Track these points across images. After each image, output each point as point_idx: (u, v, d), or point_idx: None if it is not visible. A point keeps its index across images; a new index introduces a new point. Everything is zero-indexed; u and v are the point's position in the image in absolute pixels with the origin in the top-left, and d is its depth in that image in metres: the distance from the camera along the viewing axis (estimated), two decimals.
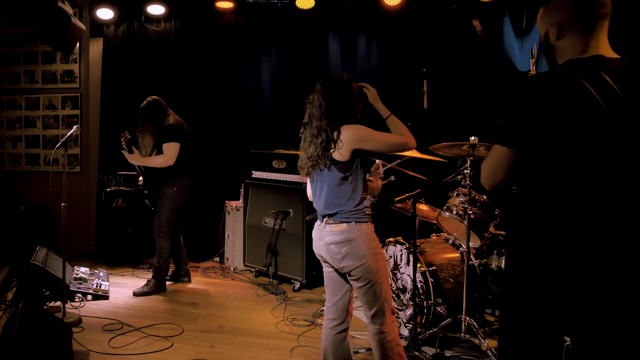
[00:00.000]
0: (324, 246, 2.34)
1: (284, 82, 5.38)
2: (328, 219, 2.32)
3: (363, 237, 2.28)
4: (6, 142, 6.04)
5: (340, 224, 2.28)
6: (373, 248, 2.30)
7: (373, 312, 2.31)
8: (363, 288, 2.29)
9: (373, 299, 2.30)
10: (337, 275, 2.42)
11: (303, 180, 2.52)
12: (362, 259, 2.25)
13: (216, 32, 5.47)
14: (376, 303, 2.30)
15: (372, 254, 2.28)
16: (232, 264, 5.15)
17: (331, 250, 2.30)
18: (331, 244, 2.29)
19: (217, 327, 3.61)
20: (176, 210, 4.33)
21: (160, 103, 4.26)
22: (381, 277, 2.30)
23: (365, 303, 2.33)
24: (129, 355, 3.10)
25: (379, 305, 2.30)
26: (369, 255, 2.27)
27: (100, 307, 3.92)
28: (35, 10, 4.23)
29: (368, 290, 2.29)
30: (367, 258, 2.26)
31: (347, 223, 2.27)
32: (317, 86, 2.39)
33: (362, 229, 2.29)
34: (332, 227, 2.30)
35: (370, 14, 5.03)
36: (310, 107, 2.37)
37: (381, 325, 2.31)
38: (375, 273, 2.28)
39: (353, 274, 2.29)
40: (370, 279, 2.27)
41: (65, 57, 5.79)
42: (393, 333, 2.33)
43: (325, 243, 2.32)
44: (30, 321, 2.62)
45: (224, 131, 5.47)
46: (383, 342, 2.31)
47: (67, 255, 4.39)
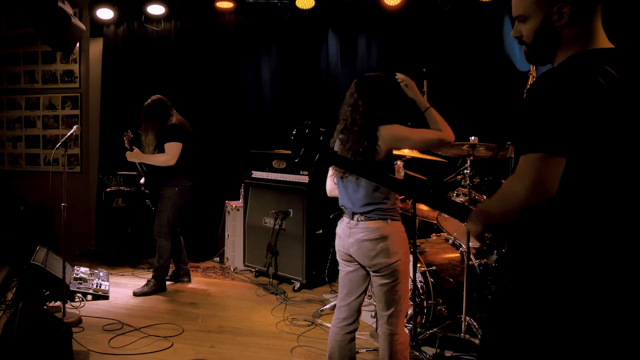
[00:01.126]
0: (354, 243, 2.30)
1: (284, 82, 5.38)
2: (360, 216, 2.29)
3: (397, 234, 2.29)
4: (6, 142, 6.04)
5: (376, 221, 2.26)
6: (404, 247, 2.31)
7: (390, 312, 2.30)
8: (387, 286, 2.28)
9: (393, 299, 2.29)
10: (357, 275, 2.39)
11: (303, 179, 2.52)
12: (395, 256, 2.25)
13: (216, 32, 5.46)
14: (395, 304, 2.30)
15: (404, 253, 2.30)
16: (232, 264, 5.15)
17: (364, 247, 2.27)
18: (365, 241, 2.27)
19: (217, 327, 3.61)
20: (177, 211, 4.33)
21: (164, 102, 4.27)
22: (405, 278, 2.31)
23: (384, 302, 2.31)
24: (129, 355, 3.10)
25: (397, 306, 2.30)
26: (401, 253, 2.28)
27: (100, 307, 3.92)
28: (35, 10, 4.23)
29: (391, 289, 2.28)
30: (399, 256, 2.27)
31: (382, 220, 2.26)
32: (353, 87, 2.34)
33: (396, 226, 2.30)
34: (365, 223, 2.27)
35: (370, 14, 5.03)
36: (349, 110, 2.31)
37: (395, 327, 2.31)
38: (402, 273, 2.29)
39: (382, 272, 2.28)
40: (396, 278, 2.27)
41: (65, 57, 5.78)
42: (405, 336, 2.34)
43: (358, 240, 2.29)
44: (30, 321, 2.62)
45: (224, 131, 5.47)
46: (394, 344, 2.30)
47: (67, 255, 4.39)
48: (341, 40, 5.19)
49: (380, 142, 2.21)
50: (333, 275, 4.78)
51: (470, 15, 4.71)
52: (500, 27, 4.59)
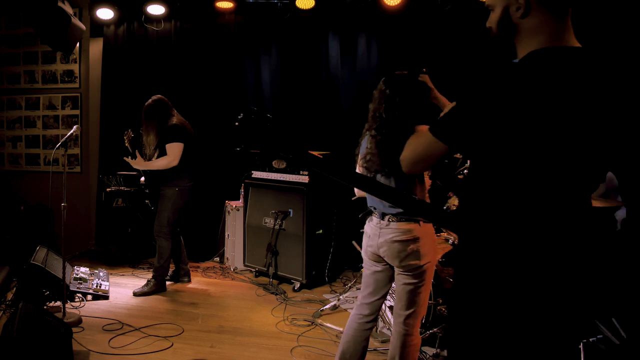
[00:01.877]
0: (385, 243, 2.30)
1: (284, 82, 5.38)
2: (392, 217, 2.29)
3: (429, 236, 2.29)
4: (6, 142, 6.04)
5: (408, 223, 2.27)
6: (434, 249, 2.31)
7: (409, 312, 2.31)
8: (412, 286, 2.29)
9: (415, 300, 2.30)
10: (384, 275, 2.40)
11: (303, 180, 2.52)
12: (425, 257, 2.26)
13: (216, 32, 5.46)
14: (416, 305, 2.30)
15: (433, 256, 2.30)
16: (232, 264, 5.15)
17: (394, 248, 2.27)
18: (396, 241, 2.27)
19: (217, 327, 3.61)
20: (177, 211, 4.33)
21: (165, 102, 4.27)
22: (430, 281, 2.31)
23: (405, 301, 2.32)
24: (129, 355, 3.10)
25: (417, 308, 2.31)
26: (431, 255, 2.29)
27: (100, 307, 3.92)
28: (35, 10, 4.22)
29: (415, 290, 2.29)
30: (429, 258, 2.28)
31: (414, 222, 2.27)
32: (383, 85, 2.33)
33: (427, 228, 2.30)
34: (397, 224, 2.27)
35: (370, 14, 5.03)
36: (383, 106, 2.28)
37: (412, 328, 2.32)
38: (429, 275, 2.29)
39: (410, 272, 2.28)
40: (423, 279, 2.28)
41: (65, 57, 5.79)
42: (419, 338, 2.35)
43: (388, 240, 2.29)
44: (30, 321, 2.62)
45: (224, 131, 5.47)
46: (408, 345, 2.31)
47: (67, 255, 4.39)
48: (341, 40, 5.19)
49: None
50: (333, 275, 4.78)
51: (470, 15, 4.70)
52: None
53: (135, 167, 4.28)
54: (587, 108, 1.16)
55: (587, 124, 1.17)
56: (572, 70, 1.17)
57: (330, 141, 5.06)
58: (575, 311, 1.22)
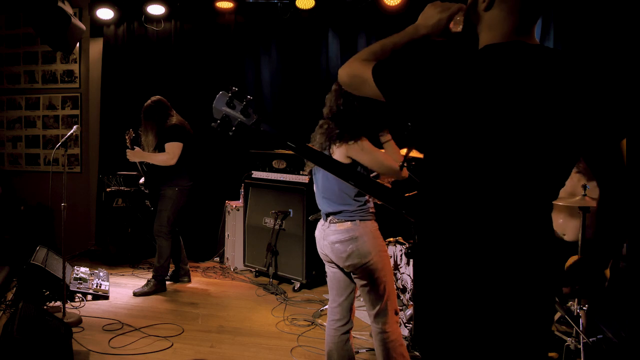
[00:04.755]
0: (328, 245, 2.33)
1: (284, 82, 5.38)
2: (332, 217, 2.31)
3: (368, 234, 2.28)
4: (6, 142, 6.04)
5: (344, 223, 2.28)
6: (378, 245, 2.29)
7: (376, 311, 2.30)
8: (367, 286, 2.28)
9: (377, 298, 2.29)
10: (342, 275, 2.40)
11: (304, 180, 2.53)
12: (367, 256, 2.25)
13: (216, 32, 5.47)
14: (379, 302, 2.29)
15: (377, 252, 2.28)
16: (232, 264, 5.15)
17: (336, 249, 2.29)
18: (336, 243, 2.29)
19: (217, 327, 3.61)
20: (177, 211, 4.33)
21: (164, 103, 4.28)
22: (385, 276, 2.29)
23: (368, 302, 2.32)
24: (129, 355, 3.10)
25: (382, 304, 2.29)
26: (374, 252, 2.27)
27: (100, 307, 3.92)
28: (35, 10, 4.23)
29: (372, 288, 2.28)
30: (372, 255, 2.26)
31: (351, 221, 2.27)
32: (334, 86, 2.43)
33: (366, 226, 2.29)
34: (336, 225, 2.29)
35: (370, 14, 5.03)
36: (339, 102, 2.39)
37: (384, 325, 2.30)
38: (380, 271, 2.27)
39: (358, 272, 2.28)
40: (374, 277, 2.26)
41: (65, 57, 5.79)
42: (396, 333, 2.32)
43: (330, 242, 2.31)
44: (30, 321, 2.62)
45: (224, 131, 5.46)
46: (386, 342, 2.30)
47: (67, 255, 4.39)
48: (341, 40, 5.19)
49: None
50: None
51: None
52: None
53: (133, 159, 4.26)
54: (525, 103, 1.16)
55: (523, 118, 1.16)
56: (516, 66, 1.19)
57: None
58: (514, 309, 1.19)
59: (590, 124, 1.17)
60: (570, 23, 4.32)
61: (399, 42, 1.49)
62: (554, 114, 1.16)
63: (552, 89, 1.16)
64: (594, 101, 1.16)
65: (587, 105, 1.16)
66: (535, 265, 1.19)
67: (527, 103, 1.17)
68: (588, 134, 1.18)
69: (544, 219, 1.23)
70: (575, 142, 1.19)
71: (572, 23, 4.30)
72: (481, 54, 1.27)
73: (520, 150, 1.18)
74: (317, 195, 2.43)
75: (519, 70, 1.18)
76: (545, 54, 1.20)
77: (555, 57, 1.20)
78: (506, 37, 1.24)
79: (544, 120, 1.16)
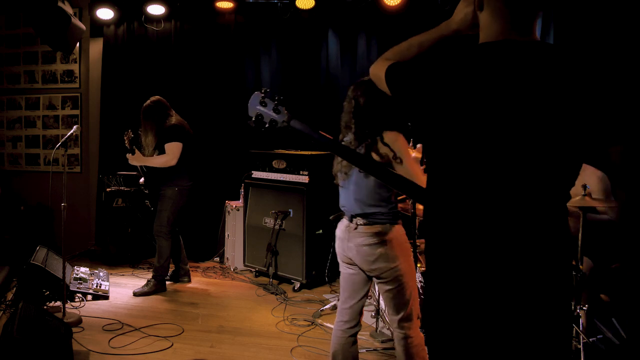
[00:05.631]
0: (354, 247, 2.27)
1: (284, 82, 5.38)
2: (359, 219, 2.26)
3: (397, 238, 2.25)
4: (6, 142, 6.04)
5: (374, 226, 2.23)
6: (405, 250, 2.27)
7: (401, 316, 2.26)
8: (392, 291, 2.25)
9: (402, 303, 2.26)
10: (360, 278, 2.36)
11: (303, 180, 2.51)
12: (395, 260, 2.22)
13: (216, 32, 5.46)
14: (405, 307, 2.26)
15: (405, 256, 2.25)
16: (232, 264, 5.15)
17: (363, 252, 2.24)
18: (364, 245, 2.23)
19: (217, 327, 3.61)
20: (177, 211, 4.33)
21: (163, 103, 4.28)
22: (411, 280, 2.26)
23: (392, 307, 2.28)
24: (129, 355, 3.10)
25: (407, 310, 2.26)
26: (402, 257, 2.24)
27: (100, 307, 3.92)
28: (35, 10, 4.23)
29: (398, 293, 2.25)
30: (399, 260, 2.23)
31: (381, 224, 2.23)
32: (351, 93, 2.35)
33: (396, 230, 2.26)
34: (364, 228, 2.24)
35: (370, 14, 5.03)
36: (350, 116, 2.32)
37: (408, 330, 2.27)
38: (407, 276, 2.24)
39: (384, 277, 2.24)
40: (401, 282, 2.23)
41: (65, 57, 5.78)
42: (419, 337, 2.30)
43: (357, 244, 2.26)
44: (30, 321, 2.62)
45: (224, 131, 5.47)
46: (409, 348, 2.27)
47: (67, 255, 4.39)
48: (341, 40, 5.19)
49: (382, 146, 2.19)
50: (333, 275, 4.78)
51: None
52: None
53: (132, 163, 4.27)
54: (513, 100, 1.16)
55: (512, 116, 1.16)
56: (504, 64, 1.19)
57: None
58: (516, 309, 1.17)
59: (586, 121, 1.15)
60: (570, 23, 4.32)
61: (427, 40, 1.48)
62: (545, 110, 1.14)
63: (542, 85, 1.15)
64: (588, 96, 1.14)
65: (580, 100, 1.14)
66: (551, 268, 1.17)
67: (515, 100, 1.16)
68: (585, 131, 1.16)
69: (555, 220, 1.19)
70: (575, 139, 1.16)
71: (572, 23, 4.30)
72: (472, 53, 1.27)
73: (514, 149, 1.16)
74: (345, 197, 2.36)
75: (506, 68, 1.18)
76: (537, 51, 1.19)
77: (547, 53, 1.19)
78: (496, 37, 1.25)
79: (535, 118, 1.15)
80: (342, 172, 2.35)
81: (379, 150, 2.19)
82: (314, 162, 4.56)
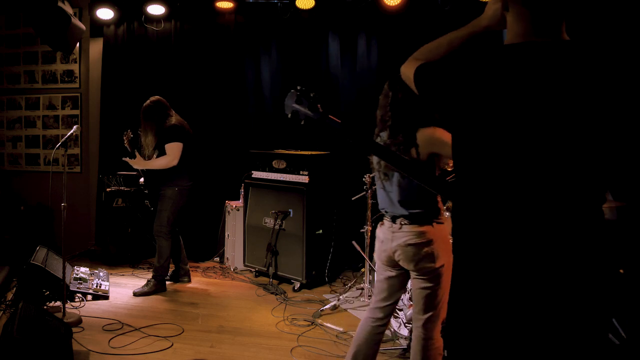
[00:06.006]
0: (398, 247, 2.26)
1: (284, 82, 5.38)
2: (404, 219, 2.25)
3: (442, 238, 2.25)
4: (6, 142, 6.04)
5: (420, 225, 2.22)
6: (449, 250, 2.27)
7: (428, 316, 2.26)
8: (428, 289, 2.25)
9: (433, 304, 2.26)
10: (397, 280, 2.38)
11: None
12: (440, 260, 2.22)
13: (216, 32, 5.46)
14: (434, 308, 2.26)
15: (448, 257, 2.25)
16: (232, 264, 5.15)
17: (408, 251, 2.23)
18: (409, 245, 2.23)
19: (217, 327, 3.61)
20: (177, 211, 4.33)
21: (163, 103, 4.28)
22: (447, 283, 2.25)
23: (422, 305, 2.28)
24: (129, 355, 3.10)
25: (436, 311, 2.26)
26: (446, 257, 2.24)
27: (100, 307, 3.92)
28: (35, 10, 4.23)
29: (432, 293, 2.25)
30: (443, 260, 2.23)
31: (428, 224, 2.23)
32: (387, 88, 2.34)
33: (441, 230, 2.26)
34: (410, 227, 2.23)
35: (370, 14, 5.03)
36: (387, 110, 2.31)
37: (431, 332, 2.28)
38: (445, 277, 2.24)
39: (424, 276, 2.24)
40: (439, 282, 2.24)
41: (65, 57, 5.78)
42: (440, 341, 2.30)
43: (402, 244, 2.24)
44: (30, 321, 2.62)
45: (224, 131, 5.47)
46: (428, 349, 2.27)
47: (67, 255, 4.39)
48: (341, 40, 5.19)
49: (420, 145, 2.17)
50: (333, 276, 4.78)
51: (470, 15, 4.68)
52: None
53: (135, 167, 4.29)
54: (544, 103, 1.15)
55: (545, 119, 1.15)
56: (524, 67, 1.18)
57: (330, 141, 5.05)
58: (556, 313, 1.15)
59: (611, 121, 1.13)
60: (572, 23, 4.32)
61: (457, 37, 1.49)
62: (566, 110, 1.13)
63: (563, 86, 1.13)
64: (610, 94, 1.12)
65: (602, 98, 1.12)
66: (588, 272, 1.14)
67: (537, 101, 1.15)
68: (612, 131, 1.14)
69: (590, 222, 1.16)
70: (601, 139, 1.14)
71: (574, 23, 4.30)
72: (496, 55, 1.27)
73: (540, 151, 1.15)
74: (387, 199, 2.34)
75: (526, 70, 1.17)
76: (560, 52, 1.18)
77: (570, 53, 1.17)
78: (519, 38, 1.24)
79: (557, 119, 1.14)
80: (380, 172, 2.33)
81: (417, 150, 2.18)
82: (314, 162, 4.56)
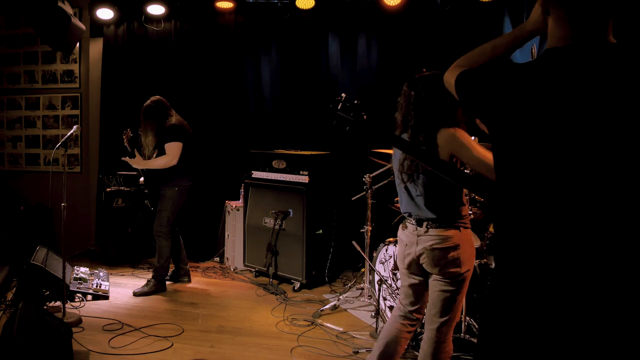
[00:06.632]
0: (424, 250, 2.24)
1: (284, 82, 5.38)
2: (430, 223, 2.23)
3: (468, 242, 2.24)
4: (6, 142, 6.04)
5: (447, 229, 2.20)
6: (472, 256, 2.26)
7: (444, 319, 2.25)
8: (449, 293, 2.23)
9: (450, 307, 2.25)
10: (421, 287, 2.37)
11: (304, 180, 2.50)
12: (465, 265, 2.21)
13: (216, 32, 5.46)
14: (451, 312, 2.25)
15: (471, 262, 2.25)
16: (232, 264, 5.15)
17: (434, 255, 2.21)
18: (435, 249, 2.20)
19: (217, 327, 3.61)
20: (177, 211, 4.33)
21: (163, 103, 4.28)
22: (466, 289, 2.26)
23: (438, 308, 2.26)
24: (129, 355, 3.10)
25: (452, 315, 2.25)
26: (471, 263, 2.24)
27: (100, 307, 3.92)
28: (35, 10, 4.23)
29: (452, 297, 2.23)
30: (468, 265, 2.22)
31: (454, 229, 2.21)
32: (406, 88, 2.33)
33: (467, 234, 2.24)
34: (437, 231, 2.21)
35: (370, 14, 5.03)
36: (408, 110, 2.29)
37: (445, 335, 2.27)
38: (467, 281, 2.24)
39: (448, 279, 2.22)
40: (460, 287, 2.23)
41: (65, 57, 5.78)
42: (451, 345, 2.30)
43: (428, 247, 2.22)
44: (30, 321, 2.62)
45: (224, 131, 5.47)
46: (439, 353, 2.26)
47: (67, 255, 4.39)
48: (341, 40, 5.19)
49: (440, 145, 2.15)
50: (333, 276, 4.78)
51: (470, 15, 4.70)
52: (500, 27, 4.59)
53: (134, 167, 4.29)
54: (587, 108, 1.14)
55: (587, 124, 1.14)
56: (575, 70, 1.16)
57: (330, 141, 5.06)
58: None
59: None
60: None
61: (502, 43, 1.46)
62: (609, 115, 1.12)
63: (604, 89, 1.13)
64: None
65: None
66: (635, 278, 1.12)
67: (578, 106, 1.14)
68: None
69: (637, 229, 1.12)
70: None
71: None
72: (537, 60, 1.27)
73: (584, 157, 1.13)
74: (411, 202, 2.32)
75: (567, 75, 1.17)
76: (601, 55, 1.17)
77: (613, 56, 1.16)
78: (560, 42, 1.24)
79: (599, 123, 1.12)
80: (404, 174, 2.30)
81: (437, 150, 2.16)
82: (314, 162, 4.56)
